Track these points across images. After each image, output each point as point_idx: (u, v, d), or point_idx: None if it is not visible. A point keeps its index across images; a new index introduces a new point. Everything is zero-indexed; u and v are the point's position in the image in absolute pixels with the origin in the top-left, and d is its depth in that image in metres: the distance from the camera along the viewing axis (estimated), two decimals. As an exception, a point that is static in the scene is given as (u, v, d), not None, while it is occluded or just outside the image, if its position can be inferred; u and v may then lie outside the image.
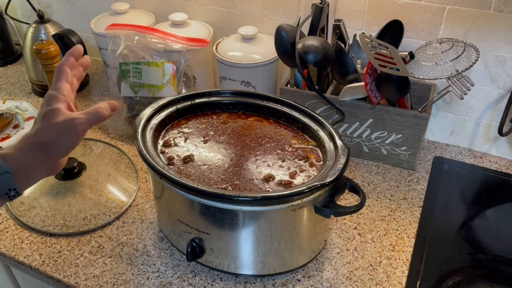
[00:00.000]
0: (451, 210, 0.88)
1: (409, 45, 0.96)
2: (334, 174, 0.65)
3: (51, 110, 0.58)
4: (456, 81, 0.83)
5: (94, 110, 0.59)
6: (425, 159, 0.99)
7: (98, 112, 0.59)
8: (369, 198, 0.89)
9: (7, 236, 0.81)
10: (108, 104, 0.61)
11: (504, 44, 0.89)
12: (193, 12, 1.16)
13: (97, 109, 0.60)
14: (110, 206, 0.86)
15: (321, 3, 0.91)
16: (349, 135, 0.96)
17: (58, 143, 0.57)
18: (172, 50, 1.00)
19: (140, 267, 0.75)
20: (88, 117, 0.58)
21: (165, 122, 0.79)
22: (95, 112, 0.59)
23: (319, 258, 0.77)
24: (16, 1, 1.40)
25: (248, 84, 1.02)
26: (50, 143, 0.57)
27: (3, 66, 1.35)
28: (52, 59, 1.00)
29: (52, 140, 0.57)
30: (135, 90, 0.98)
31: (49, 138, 0.57)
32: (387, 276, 0.74)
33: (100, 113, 0.59)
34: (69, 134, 0.57)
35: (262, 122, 0.82)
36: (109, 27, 1.06)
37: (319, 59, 0.85)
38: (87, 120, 0.58)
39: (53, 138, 0.57)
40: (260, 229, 0.66)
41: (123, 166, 0.95)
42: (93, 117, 0.59)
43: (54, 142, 0.57)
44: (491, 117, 0.98)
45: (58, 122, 0.57)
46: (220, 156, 0.73)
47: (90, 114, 0.59)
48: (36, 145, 0.57)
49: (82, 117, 0.58)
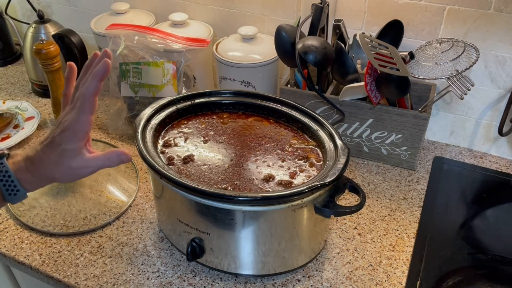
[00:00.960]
0: (451, 210, 0.88)
1: (409, 45, 0.96)
2: (334, 174, 0.65)
3: (70, 150, 0.57)
4: (456, 81, 0.83)
5: (103, 160, 0.59)
6: (425, 159, 0.99)
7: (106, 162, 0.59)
8: (369, 198, 0.89)
9: (7, 236, 0.81)
10: (120, 156, 0.60)
11: (504, 44, 0.89)
12: (193, 12, 1.16)
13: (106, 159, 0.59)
14: (110, 206, 0.86)
15: (321, 3, 0.91)
16: (349, 135, 0.96)
17: (62, 178, 0.59)
18: (172, 50, 1.00)
19: (140, 267, 0.75)
20: (97, 167, 0.59)
21: (165, 122, 0.79)
22: (104, 162, 0.59)
23: (319, 258, 0.77)
24: (16, 1, 1.40)
25: (248, 84, 1.02)
26: (57, 178, 0.59)
27: (3, 66, 1.35)
28: (52, 59, 1.00)
29: (60, 177, 0.58)
30: (135, 90, 0.98)
31: (58, 175, 0.58)
32: (387, 276, 0.74)
33: (108, 163, 0.60)
34: (76, 175, 0.59)
35: (262, 122, 0.82)
36: (109, 27, 1.06)
37: (319, 59, 0.85)
38: (96, 168, 0.59)
39: (61, 175, 0.58)
40: (260, 229, 0.66)
41: (123, 166, 0.95)
42: (102, 166, 0.60)
43: (60, 178, 0.58)
44: (491, 117, 0.98)
45: (71, 165, 0.57)
46: (220, 156, 0.73)
47: (99, 163, 0.59)
48: (48, 179, 0.58)
49: (92, 166, 0.59)
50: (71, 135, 0.56)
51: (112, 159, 0.60)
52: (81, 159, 0.57)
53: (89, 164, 0.58)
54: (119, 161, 0.60)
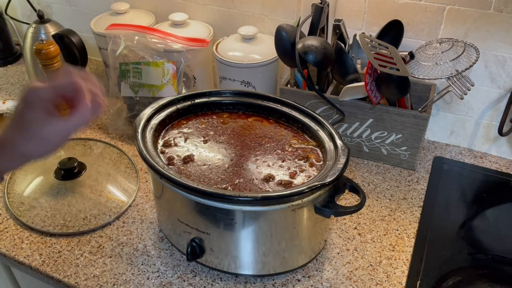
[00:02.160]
0: (451, 210, 0.88)
1: (409, 45, 0.96)
2: (334, 174, 0.65)
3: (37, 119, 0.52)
4: (456, 81, 0.83)
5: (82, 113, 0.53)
6: (425, 159, 0.99)
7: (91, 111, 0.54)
8: (369, 198, 0.89)
9: (7, 236, 0.81)
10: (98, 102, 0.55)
11: (504, 44, 0.89)
12: (193, 12, 1.16)
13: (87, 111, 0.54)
14: (110, 206, 0.86)
15: (321, 3, 0.91)
16: (349, 135, 0.96)
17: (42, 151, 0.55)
18: (172, 50, 1.00)
19: (140, 267, 0.75)
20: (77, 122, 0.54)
21: (165, 122, 0.79)
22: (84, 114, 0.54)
23: (319, 258, 0.77)
24: (16, 1, 1.40)
25: (248, 84, 1.02)
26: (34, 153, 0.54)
27: (3, 66, 1.35)
28: (52, 59, 1.00)
29: (36, 149, 0.54)
30: (135, 90, 0.98)
31: (34, 149, 0.54)
32: (387, 276, 0.74)
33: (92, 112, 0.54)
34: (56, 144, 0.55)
35: (262, 122, 0.82)
36: (109, 27, 1.06)
37: (319, 59, 0.85)
38: (76, 125, 0.54)
39: (38, 148, 0.54)
40: (260, 229, 0.66)
41: (123, 166, 0.95)
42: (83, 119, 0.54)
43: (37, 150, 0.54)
44: (491, 117, 0.98)
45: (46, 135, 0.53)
46: (220, 156, 0.73)
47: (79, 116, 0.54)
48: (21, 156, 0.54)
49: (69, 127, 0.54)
50: (31, 103, 0.53)
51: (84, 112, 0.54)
52: (51, 126, 0.53)
53: (62, 128, 0.53)
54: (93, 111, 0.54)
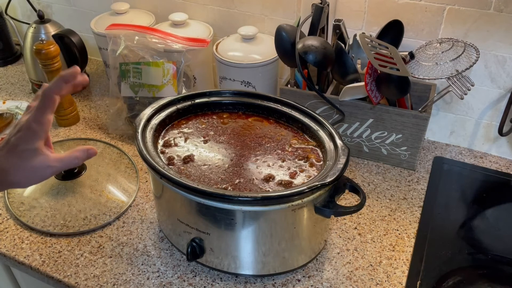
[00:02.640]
0: (451, 210, 0.88)
1: (409, 45, 0.97)
2: (334, 174, 0.65)
3: (29, 150, 0.54)
4: (456, 81, 0.83)
5: (69, 158, 0.57)
6: (425, 159, 0.99)
7: (74, 160, 0.57)
8: (369, 198, 0.89)
9: (7, 236, 0.81)
10: (87, 151, 0.59)
11: (504, 44, 0.89)
12: (193, 12, 1.16)
13: (73, 157, 0.57)
14: (110, 206, 0.86)
15: (321, 3, 0.91)
16: (349, 135, 0.96)
17: (23, 182, 0.56)
18: (172, 50, 1.00)
19: (140, 267, 0.75)
20: (63, 166, 0.57)
21: (165, 122, 0.79)
22: (71, 160, 0.57)
23: (319, 258, 0.77)
24: (16, 1, 1.40)
25: (248, 84, 1.02)
26: (16, 182, 0.55)
27: (3, 66, 1.35)
28: (52, 59, 1.00)
29: (20, 180, 0.55)
30: (135, 90, 0.98)
31: (18, 178, 0.55)
32: (387, 276, 0.74)
33: (76, 161, 0.58)
34: (37, 177, 0.56)
35: (262, 122, 0.82)
36: (109, 27, 1.06)
37: (319, 59, 0.85)
38: (60, 168, 0.57)
39: (22, 178, 0.55)
40: (260, 229, 0.66)
41: (123, 166, 0.95)
42: (68, 165, 0.57)
43: (21, 181, 0.55)
44: (491, 117, 0.98)
45: (33, 165, 0.54)
46: (220, 156, 0.73)
47: (65, 162, 0.57)
48: (7, 183, 0.55)
49: (57, 166, 0.56)
50: (27, 134, 0.53)
51: (80, 156, 0.58)
52: (42, 159, 0.54)
53: (53, 164, 0.55)
54: (87, 156, 0.58)
